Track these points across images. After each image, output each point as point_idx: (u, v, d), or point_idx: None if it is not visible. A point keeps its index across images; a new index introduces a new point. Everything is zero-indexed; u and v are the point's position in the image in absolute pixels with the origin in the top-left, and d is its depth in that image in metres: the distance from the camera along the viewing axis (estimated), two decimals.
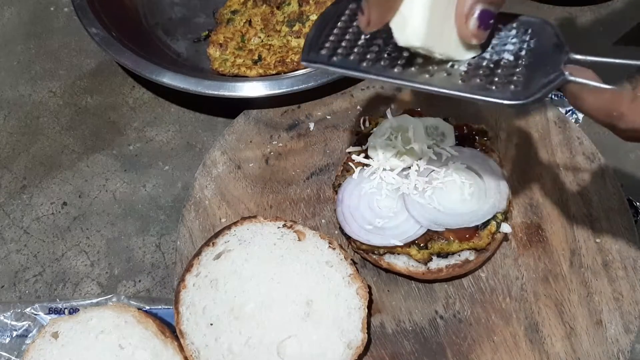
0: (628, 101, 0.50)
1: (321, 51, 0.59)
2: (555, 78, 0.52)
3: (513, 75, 0.54)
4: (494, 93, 0.53)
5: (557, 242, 0.77)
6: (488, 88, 0.54)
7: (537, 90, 0.52)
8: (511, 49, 0.56)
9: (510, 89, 0.53)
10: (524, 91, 0.53)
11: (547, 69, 0.53)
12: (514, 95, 0.53)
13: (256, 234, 0.75)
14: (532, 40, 0.56)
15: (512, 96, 0.53)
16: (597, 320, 0.72)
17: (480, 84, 0.54)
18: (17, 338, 0.77)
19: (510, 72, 0.54)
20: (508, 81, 0.54)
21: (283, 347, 0.68)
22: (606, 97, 0.51)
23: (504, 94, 0.53)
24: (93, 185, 0.91)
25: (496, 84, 0.54)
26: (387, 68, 0.56)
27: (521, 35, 0.57)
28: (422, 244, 0.72)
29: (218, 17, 1.05)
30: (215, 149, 0.88)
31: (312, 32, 0.60)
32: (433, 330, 0.73)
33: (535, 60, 0.55)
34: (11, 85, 1.03)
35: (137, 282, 0.83)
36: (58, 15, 1.11)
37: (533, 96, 0.52)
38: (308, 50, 0.59)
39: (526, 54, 0.55)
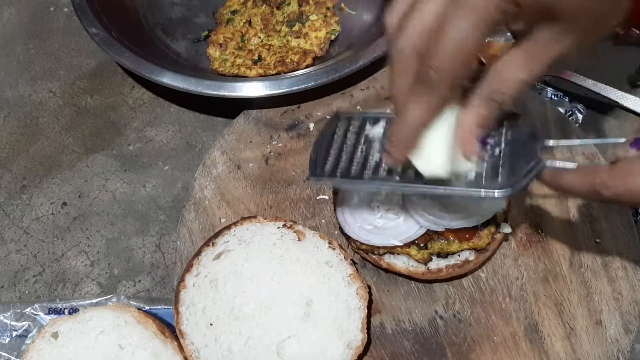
0: (606, 169, 0.53)
1: (324, 168, 0.66)
2: (535, 166, 0.58)
3: (497, 168, 0.60)
4: (484, 186, 0.59)
5: (557, 242, 0.77)
6: (478, 182, 0.60)
7: (521, 180, 0.58)
8: (491, 142, 0.62)
9: (497, 182, 0.59)
10: (509, 182, 0.58)
11: (527, 158, 0.59)
12: (502, 186, 0.58)
13: (256, 234, 0.75)
14: (508, 132, 0.62)
15: (500, 187, 0.58)
16: (596, 320, 0.72)
17: (469, 182, 0.60)
18: (17, 338, 0.77)
19: (494, 165, 0.60)
20: (494, 174, 0.59)
21: (283, 347, 0.68)
22: (585, 172, 0.54)
23: (493, 186, 0.59)
24: (93, 186, 0.91)
25: (484, 178, 0.59)
26: (387, 176, 0.63)
27: (498, 128, 0.62)
28: (422, 244, 0.72)
29: (218, 17, 1.05)
30: (215, 149, 0.88)
31: (313, 151, 0.68)
32: (433, 330, 0.73)
33: (515, 152, 0.60)
34: (11, 85, 1.03)
35: (137, 282, 0.83)
36: (58, 16, 1.11)
37: (518, 185, 0.58)
38: (314, 168, 0.67)
39: (506, 146, 0.61)
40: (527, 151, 0.59)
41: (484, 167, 0.61)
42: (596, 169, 0.54)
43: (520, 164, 0.59)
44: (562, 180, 0.56)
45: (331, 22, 1.01)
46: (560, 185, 0.57)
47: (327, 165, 0.66)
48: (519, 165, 0.59)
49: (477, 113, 0.55)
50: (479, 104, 0.55)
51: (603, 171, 0.52)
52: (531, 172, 0.58)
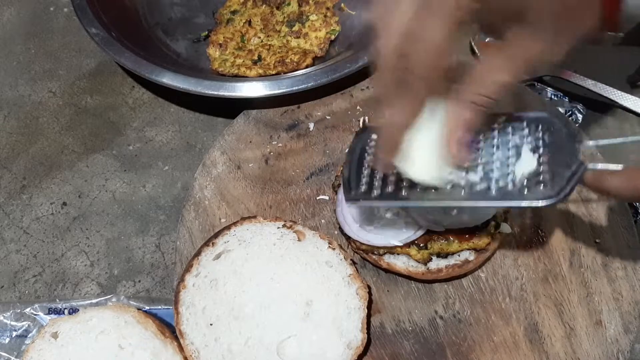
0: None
1: (359, 189, 0.64)
2: (577, 169, 0.55)
3: (539, 174, 0.57)
4: (527, 197, 0.56)
5: (557, 242, 0.77)
6: (520, 192, 0.56)
7: (565, 185, 0.55)
8: (529, 147, 0.59)
9: (540, 190, 0.56)
10: (553, 189, 0.55)
11: (567, 160, 0.56)
12: (545, 195, 0.55)
13: (256, 234, 0.75)
14: (545, 135, 0.59)
15: (544, 196, 0.55)
16: (596, 320, 0.72)
17: (511, 191, 0.57)
18: (17, 338, 0.77)
19: (535, 173, 0.57)
20: (536, 182, 0.56)
21: (283, 347, 0.68)
22: (628, 175, 0.53)
23: (536, 195, 0.55)
24: (93, 186, 0.91)
25: (527, 187, 0.56)
26: (424, 193, 0.60)
27: (534, 132, 0.60)
28: (422, 244, 0.72)
29: (218, 17, 1.05)
30: (215, 149, 0.88)
31: (346, 171, 0.66)
32: (433, 330, 0.73)
33: (554, 155, 0.57)
34: (11, 85, 1.03)
35: (137, 283, 0.83)
36: (58, 16, 1.11)
37: (563, 192, 0.55)
38: (349, 190, 0.64)
39: (544, 150, 0.58)
40: (567, 153, 0.57)
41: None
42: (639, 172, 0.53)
43: (562, 168, 0.56)
44: (606, 183, 0.55)
45: (331, 22, 1.01)
46: (605, 189, 0.55)
47: (362, 185, 0.64)
48: (561, 170, 0.56)
49: (460, 116, 0.55)
50: (462, 107, 0.55)
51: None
52: (574, 177, 0.55)
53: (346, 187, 0.65)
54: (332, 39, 1.01)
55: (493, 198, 0.58)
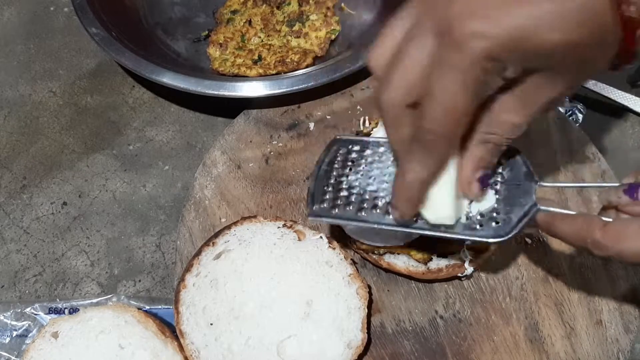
0: (599, 228, 0.52)
1: (322, 204, 0.64)
2: (529, 210, 0.57)
3: (494, 211, 0.58)
4: (479, 232, 0.58)
5: (557, 242, 0.76)
6: (473, 227, 0.58)
7: (516, 225, 0.57)
8: (492, 181, 0.60)
9: (492, 227, 0.58)
10: (505, 227, 0.57)
11: (521, 200, 0.58)
12: (497, 232, 0.57)
13: (256, 233, 0.75)
14: (504, 171, 0.60)
15: (495, 234, 0.57)
16: (597, 320, 0.72)
17: (466, 224, 0.59)
18: (17, 338, 0.77)
19: (491, 209, 0.58)
20: (490, 218, 0.58)
21: (283, 346, 0.68)
22: (578, 225, 0.54)
23: (488, 232, 0.58)
24: (93, 185, 0.91)
25: (480, 222, 0.58)
26: (382, 216, 0.61)
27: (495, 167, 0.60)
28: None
29: (218, 17, 1.05)
30: (215, 149, 0.88)
31: (311, 185, 0.66)
32: (433, 330, 0.73)
33: (510, 193, 0.59)
34: (11, 85, 1.03)
35: (137, 282, 0.83)
36: (58, 15, 1.11)
37: (512, 231, 0.57)
38: (312, 204, 0.64)
39: (501, 187, 0.59)
40: (523, 192, 0.58)
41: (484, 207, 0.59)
42: (590, 223, 0.53)
43: (517, 207, 0.57)
44: (555, 228, 0.56)
45: (331, 22, 1.01)
46: (554, 233, 0.56)
47: (326, 201, 0.64)
48: (515, 209, 0.57)
49: (475, 156, 0.55)
50: (476, 147, 0.55)
51: (597, 228, 0.52)
52: (526, 217, 0.57)
53: (310, 201, 0.64)
54: (332, 39, 1.01)
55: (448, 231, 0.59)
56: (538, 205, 0.57)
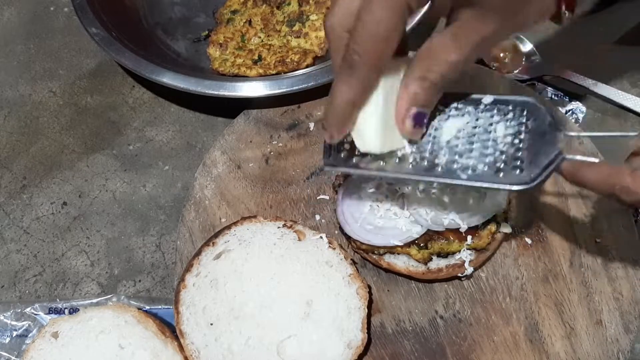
0: (628, 174, 0.52)
1: (339, 154, 0.63)
2: (555, 158, 0.56)
3: (517, 159, 0.57)
4: (501, 180, 0.56)
5: (557, 242, 0.77)
6: (495, 175, 0.57)
7: (540, 173, 0.55)
8: (511, 132, 0.59)
9: (515, 174, 0.56)
10: (528, 175, 0.56)
11: (546, 149, 0.56)
12: (520, 180, 0.56)
13: (256, 233, 0.75)
14: (529, 121, 0.59)
15: (518, 181, 0.56)
16: (597, 320, 0.72)
17: (487, 172, 0.57)
18: (17, 338, 0.77)
19: (513, 157, 0.57)
20: (513, 166, 0.57)
21: (283, 347, 0.68)
22: (606, 172, 0.54)
23: (510, 179, 0.56)
24: (93, 185, 0.91)
25: (502, 170, 0.57)
26: (400, 166, 0.60)
27: (518, 117, 0.60)
28: (422, 244, 0.72)
29: (218, 17, 1.05)
30: (215, 149, 0.88)
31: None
32: (433, 330, 0.73)
33: (535, 141, 0.57)
34: (11, 85, 1.03)
35: (137, 282, 0.83)
36: (58, 15, 1.11)
37: (537, 179, 0.55)
38: (328, 155, 0.64)
39: (525, 136, 0.58)
40: (548, 141, 0.57)
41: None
42: (619, 170, 0.53)
43: (541, 155, 0.56)
44: (582, 176, 0.55)
45: None
46: (580, 181, 0.56)
47: (343, 151, 0.63)
48: (539, 157, 0.56)
49: (410, 92, 0.56)
50: (412, 83, 0.56)
51: (626, 175, 0.52)
52: (550, 165, 0.55)
53: (326, 151, 0.64)
54: None
55: (471, 179, 0.58)
56: (564, 154, 0.56)
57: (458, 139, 0.60)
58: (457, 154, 0.59)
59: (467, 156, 0.59)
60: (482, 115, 0.61)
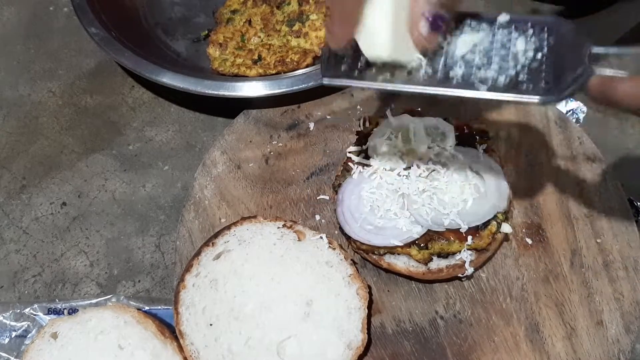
0: None
1: (340, 66, 0.58)
2: (583, 71, 0.52)
3: (541, 72, 0.53)
4: (526, 91, 0.53)
5: (558, 242, 0.77)
6: (518, 87, 0.53)
7: (569, 85, 0.52)
8: (532, 47, 0.56)
9: (541, 86, 0.53)
10: (555, 87, 0.52)
11: (572, 64, 0.53)
12: (546, 92, 0.52)
13: (256, 234, 0.75)
14: (550, 37, 0.56)
15: (544, 93, 0.52)
16: (597, 320, 0.72)
17: (508, 84, 0.54)
18: (17, 338, 0.76)
19: (537, 70, 0.54)
20: (539, 78, 0.53)
21: (283, 347, 0.68)
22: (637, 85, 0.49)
23: (536, 91, 0.53)
24: (92, 185, 0.91)
25: (525, 82, 0.53)
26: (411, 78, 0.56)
27: (539, 34, 0.56)
28: (423, 244, 0.72)
29: (218, 17, 1.04)
30: (215, 149, 0.87)
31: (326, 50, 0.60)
32: (433, 330, 0.73)
33: (559, 57, 0.54)
34: (11, 85, 1.03)
35: (137, 283, 0.82)
36: (57, 15, 1.11)
37: (565, 91, 0.52)
38: (326, 67, 0.59)
39: (548, 52, 0.55)
40: (573, 57, 0.53)
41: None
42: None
43: (567, 70, 0.53)
44: (613, 90, 0.50)
45: None
46: (612, 97, 0.51)
47: (344, 63, 0.58)
48: (565, 71, 0.53)
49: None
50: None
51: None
52: (578, 80, 0.52)
53: (324, 64, 0.60)
54: None
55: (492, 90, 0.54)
56: (591, 68, 0.52)
57: (474, 53, 0.56)
58: (474, 67, 0.55)
59: (486, 69, 0.55)
60: (500, 32, 0.57)
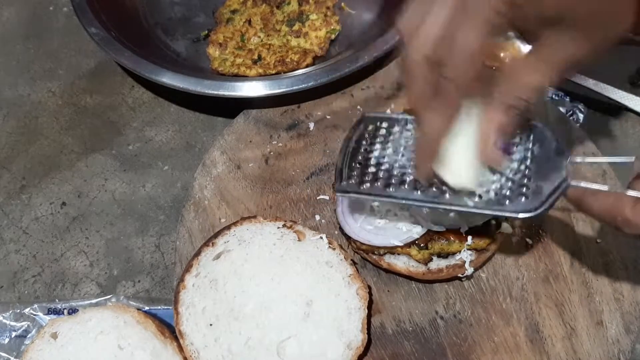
0: (630, 206, 0.53)
1: (350, 180, 0.65)
2: (560, 184, 0.56)
3: (522, 186, 0.58)
4: (507, 207, 0.57)
5: (558, 243, 0.77)
6: (501, 202, 0.58)
7: (546, 199, 0.56)
8: (517, 157, 0.60)
9: (521, 201, 0.57)
10: (534, 202, 0.57)
11: (552, 175, 0.57)
12: (525, 207, 0.57)
13: (256, 234, 0.75)
14: (534, 146, 0.60)
15: (524, 208, 0.57)
16: (597, 320, 0.72)
17: (494, 199, 0.58)
18: (16, 338, 0.76)
19: (519, 184, 0.58)
20: (519, 193, 0.57)
21: (283, 347, 0.68)
22: (609, 202, 0.54)
23: (516, 206, 0.57)
24: (92, 186, 0.91)
25: (508, 198, 0.57)
26: (410, 192, 0.62)
27: (525, 142, 0.60)
28: (423, 244, 0.72)
29: (217, 17, 1.04)
30: (215, 149, 0.87)
31: (339, 161, 0.66)
32: (433, 330, 0.73)
33: (540, 168, 0.58)
34: (10, 85, 1.03)
35: (137, 283, 0.82)
36: (57, 15, 1.11)
37: (543, 206, 0.56)
38: (340, 180, 0.65)
39: (531, 162, 0.59)
40: (553, 168, 0.57)
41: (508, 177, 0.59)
42: (621, 202, 0.53)
43: (546, 182, 0.57)
44: (585, 205, 0.56)
45: (331, 22, 1.01)
46: (585, 210, 0.56)
47: (354, 177, 0.65)
48: (544, 184, 0.57)
49: (496, 120, 0.55)
50: (497, 111, 0.55)
51: (627, 206, 0.53)
52: (556, 192, 0.56)
53: (338, 177, 0.66)
54: (332, 39, 1.01)
55: (478, 206, 0.59)
56: (569, 180, 0.56)
57: None
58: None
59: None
60: None
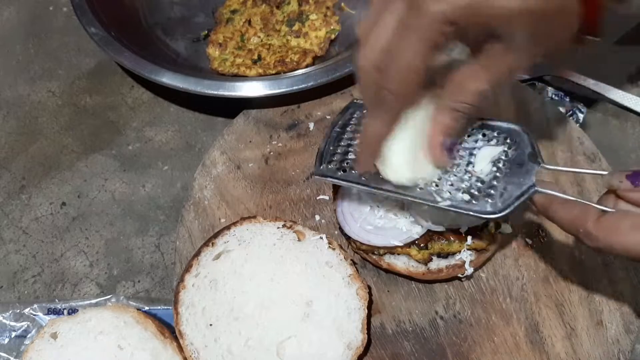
0: (594, 219, 0.54)
1: (329, 165, 0.67)
2: (527, 190, 0.58)
3: (491, 188, 0.59)
4: (473, 207, 0.59)
5: (558, 242, 0.77)
6: (469, 202, 0.60)
7: (511, 203, 0.58)
8: (491, 158, 0.61)
9: (488, 202, 0.59)
10: (499, 204, 0.58)
11: (521, 180, 0.59)
12: (490, 208, 0.58)
13: (256, 234, 0.75)
14: (510, 149, 0.62)
15: (489, 210, 0.58)
16: (597, 320, 0.72)
17: (462, 199, 0.60)
18: (16, 338, 0.76)
19: (488, 185, 0.60)
20: (486, 194, 0.59)
21: (283, 347, 0.68)
22: (574, 213, 0.55)
23: (482, 207, 0.59)
24: (92, 186, 0.91)
25: (476, 198, 0.59)
26: (384, 182, 0.63)
27: (501, 144, 0.62)
28: (422, 244, 0.72)
29: (217, 17, 1.04)
30: (215, 149, 0.87)
31: (322, 144, 0.68)
32: (433, 330, 0.73)
33: (512, 170, 0.60)
34: (10, 85, 1.03)
35: (136, 283, 0.82)
36: (57, 15, 1.11)
37: (506, 209, 0.58)
38: (319, 164, 0.67)
39: (504, 164, 0.61)
40: (524, 172, 0.59)
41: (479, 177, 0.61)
42: (585, 214, 0.54)
43: (514, 185, 0.59)
44: (551, 212, 0.57)
45: (331, 22, 1.01)
46: (550, 218, 0.58)
47: (334, 162, 0.67)
48: (513, 187, 0.59)
49: (441, 122, 0.58)
50: (443, 114, 0.58)
51: (590, 219, 0.54)
52: (522, 197, 0.58)
53: (317, 160, 0.67)
54: (332, 39, 1.01)
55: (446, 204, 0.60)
56: (536, 186, 0.58)
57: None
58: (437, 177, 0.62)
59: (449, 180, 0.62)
60: (468, 140, 0.64)
